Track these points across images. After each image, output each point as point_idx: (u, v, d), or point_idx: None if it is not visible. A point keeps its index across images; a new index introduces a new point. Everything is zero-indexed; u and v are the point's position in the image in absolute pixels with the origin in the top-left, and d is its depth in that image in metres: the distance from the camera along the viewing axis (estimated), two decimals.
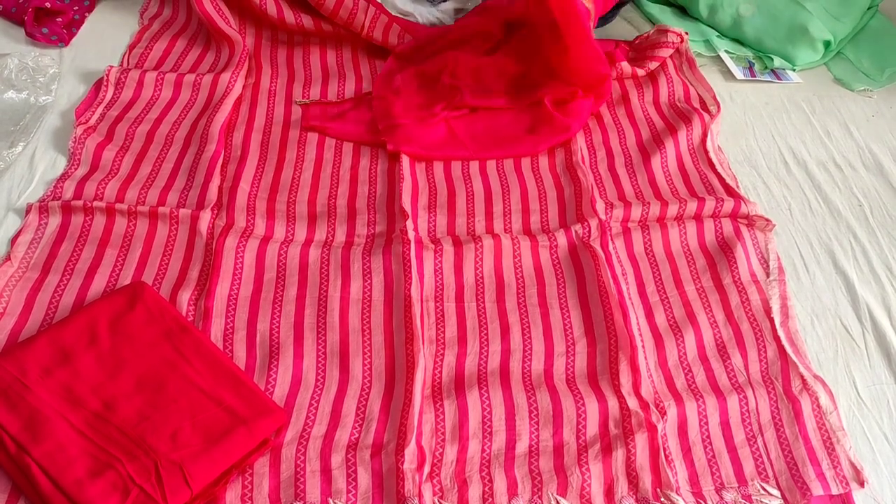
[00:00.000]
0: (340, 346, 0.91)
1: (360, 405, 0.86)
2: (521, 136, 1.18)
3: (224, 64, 1.29)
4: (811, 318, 0.99)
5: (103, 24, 1.39)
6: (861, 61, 1.43)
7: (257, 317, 0.93)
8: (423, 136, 1.17)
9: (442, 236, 1.04)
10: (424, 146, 1.16)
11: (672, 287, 1.00)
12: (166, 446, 0.77)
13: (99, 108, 1.18)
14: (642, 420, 0.85)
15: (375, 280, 0.97)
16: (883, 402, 0.91)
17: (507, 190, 1.12)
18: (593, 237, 1.03)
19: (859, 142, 1.27)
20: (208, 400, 0.81)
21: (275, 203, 1.08)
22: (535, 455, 0.83)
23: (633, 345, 0.91)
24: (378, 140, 1.17)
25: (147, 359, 0.84)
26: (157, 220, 1.02)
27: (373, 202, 1.08)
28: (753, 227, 1.08)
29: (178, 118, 1.19)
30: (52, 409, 0.78)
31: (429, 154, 1.15)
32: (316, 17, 1.34)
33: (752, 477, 0.83)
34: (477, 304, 0.97)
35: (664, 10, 1.51)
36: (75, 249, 0.98)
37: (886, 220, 1.14)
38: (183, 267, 0.98)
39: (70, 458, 0.75)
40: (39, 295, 0.93)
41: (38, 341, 0.84)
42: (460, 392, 0.88)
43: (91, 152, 1.10)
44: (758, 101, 1.34)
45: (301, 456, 0.81)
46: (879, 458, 0.85)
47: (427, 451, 0.82)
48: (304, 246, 1.01)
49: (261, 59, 1.33)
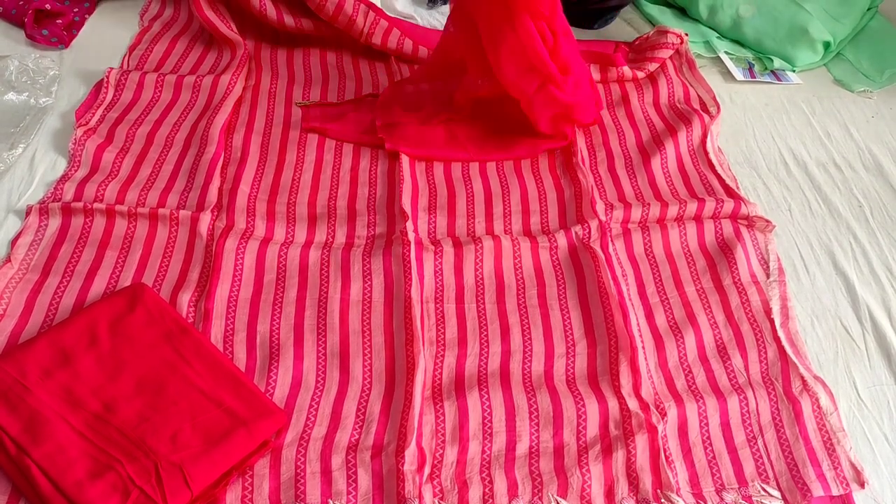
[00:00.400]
0: (340, 347, 0.91)
1: (360, 406, 0.86)
2: (520, 139, 1.18)
3: (224, 66, 1.29)
4: (811, 319, 0.99)
5: (103, 25, 1.39)
6: (861, 62, 1.44)
7: (257, 318, 0.93)
8: (422, 136, 1.17)
9: (442, 237, 1.04)
10: (423, 145, 1.15)
11: (672, 288, 1.00)
12: (166, 448, 0.77)
13: (99, 109, 1.18)
14: (642, 421, 0.85)
15: (375, 281, 0.97)
16: (883, 402, 0.90)
17: (507, 191, 1.12)
18: (593, 238, 1.03)
19: (859, 143, 1.27)
20: (208, 401, 0.81)
21: (275, 205, 1.08)
22: (536, 456, 0.83)
23: (633, 346, 0.91)
24: (377, 141, 1.17)
25: (147, 360, 0.84)
26: (158, 221, 1.02)
27: (373, 203, 1.08)
28: (753, 227, 1.08)
29: (179, 120, 1.19)
30: (53, 411, 0.78)
31: (427, 154, 1.15)
32: (316, 21, 1.34)
33: (752, 478, 0.83)
34: (477, 306, 0.97)
35: (664, 11, 1.51)
36: (75, 251, 0.98)
37: (886, 220, 1.14)
38: (183, 268, 0.98)
39: (70, 460, 0.75)
40: (39, 297, 0.92)
41: (39, 343, 0.84)
42: (460, 393, 0.88)
43: (91, 154, 1.10)
44: (758, 102, 1.34)
45: (301, 457, 0.81)
46: (880, 459, 0.85)
47: (427, 453, 0.82)
48: (304, 247, 1.01)
49: (261, 60, 1.33)
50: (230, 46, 1.31)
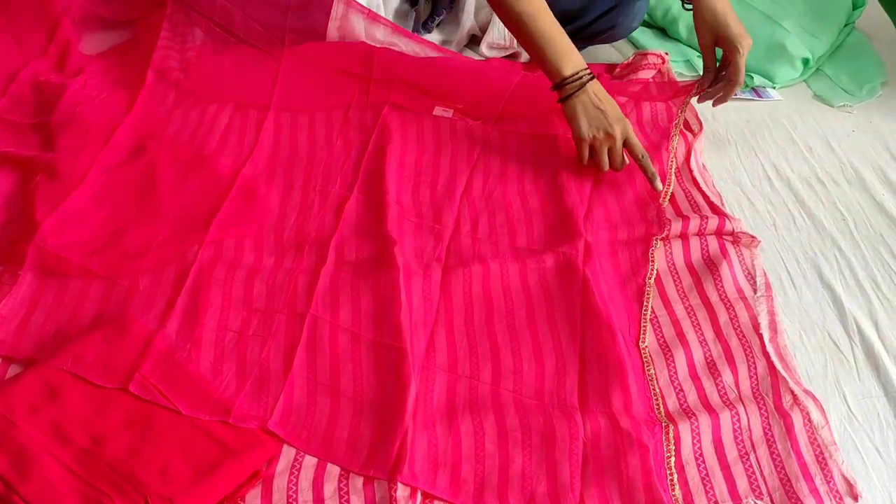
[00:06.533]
0: (330, 373, 0.91)
1: (351, 433, 0.86)
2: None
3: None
4: (799, 333, 0.99)
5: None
6: (840, 77, 1.46)
7: (247, 346, 0.93)
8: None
9: (429, 261, 1.04)
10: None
11: (661, 306, 1.01)
12: (156, 481, 0.76)
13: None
14: (634, 440, 0.85)
15: (364, 306, 0.97)
16: (873, 414, 0.91)
17: (492, 212, 1.12)
18: (580, 258, 1.04)
19: (841, 157, 1.29)
20: (198, 432, 0.81)
21: (263, 233, 1.08)
22: (529, 478, 0.83)
23: (622, 365, 0.91)
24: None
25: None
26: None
27: (361, 228, 1.09)
28: (739, 243, 1.08)
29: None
30: (40, 446, 0.77)
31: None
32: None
33: (745, 494, 0.82)
34: (467, 328, 0.97)
35: (644, 32, 1.53)
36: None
37: (871, 233, 1.15)
38: (171, 296, 0.97)
39: (59, 496, 0.74)
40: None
41: (25, 378, 0.83)
42: (452, 416, 0.87)
43: None
44: (739, 119, 1.35)
45: (293, 486, 0.80)
46: (872, 472, 0.85)
47: (420, 477, 0.82)
48: (292, 273, 1.01)
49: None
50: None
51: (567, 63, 1.12)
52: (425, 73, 1.30)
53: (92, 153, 1.11)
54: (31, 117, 1.18)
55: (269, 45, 1.34)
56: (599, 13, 1.37)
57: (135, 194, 1.09)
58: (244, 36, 1.35)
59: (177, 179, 1.10)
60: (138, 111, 1.21)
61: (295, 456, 0.83)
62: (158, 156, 1.13)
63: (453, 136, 1.25)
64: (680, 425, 0.87)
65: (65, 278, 0.98)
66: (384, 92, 1.29)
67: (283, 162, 1.18)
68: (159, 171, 1.11)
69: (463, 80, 1.30)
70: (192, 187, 1.10)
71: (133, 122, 1.19)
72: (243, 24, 1.35)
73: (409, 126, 1.25)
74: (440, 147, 1.23)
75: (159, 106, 1.25)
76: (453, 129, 1.26)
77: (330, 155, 1.20)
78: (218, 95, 1.28)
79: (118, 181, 1.10)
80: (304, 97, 1.28)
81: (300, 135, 1.23)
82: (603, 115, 1.12)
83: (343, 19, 1.32)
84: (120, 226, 1.04)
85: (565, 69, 1.12)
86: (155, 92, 1.26)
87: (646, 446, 0.84)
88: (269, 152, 1.20)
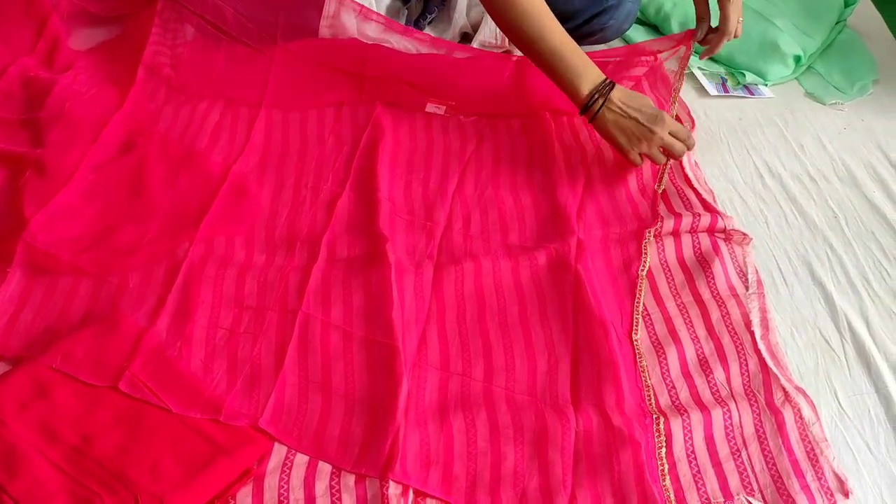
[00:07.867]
0: (322, 370, 0.91)
1: (342, 430, 0.85)
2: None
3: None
4: (791, 330, 1.00)
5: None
6: (831, 75, 1.46)
7: (238, 343, 0.92)
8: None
9: (421, 258, 1.04)
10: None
11: (653, 304, 1.01)
12: (146, 479, 0.76)
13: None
14: (626, 437, 0.85)
15: (356, 303, 0.97)
16: (864, 411, 0.91)
17: (484, 209, 1.12)
18: (572, 255, 1.04)
19: (832, 154, 1.29)
20: (188, 430, 0.80)
21: (254, 230, 1.07)
22: (521, 475, 0.83)
23: (615, 362, 0.91)
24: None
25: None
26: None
27: (353, 225, 1.08)
28: (731, 241, 1.08)
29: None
30: (29, 445, 0.77)
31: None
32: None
33: (737, 491, 0.83)
34: (459, 325, 0.97)
35: (637, 29, 1.53)
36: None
37: (861, 230, 1.15)
38: (161, 293, 0.97)
39: (48, 494, 0.74)
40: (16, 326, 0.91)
41: (14, 375, 0.83)
42: (444, 414, 0.87)
43: None
44: (731, 117, 1.35)
45: (284, 484, 0.80)
46: (862, 468, 0.85)
47: (411, 475, 0.81)
48: (283, 270, 1.01)
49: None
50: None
51: (584, 81, 1.10)
52: (417, 69, 1.30)
53: (81, 149, 1.10)
54: (20, 113, 1.17)
55: (261, 43, 1.33)
56: (591, 15, 1.37)
57: (125, 191, 1.08)
58: (235, 33, 1.34)
59: (167, 176, 1.10)
60: (128, 107, 1.20)
61: (286, 454, 0.83)
62: (149, 152, 1.12)
63: (445, 133, 1.24)
64: (672, 422, 0.87)
65: (54, 275, 0.97)
66: (376, 89, 1.28)
67: (275, 159, 1.18)
68: (149, 168, 1.10)
69: (455, 76, 1.30)
70: (183, 184, 1.09)
71: (123, 119, 1.18)
72: (235, 21, 1.35)
73: (402, 123, 1.25)
74: (432, 144, 1.22)
75: (150, 102, 1.24)
76: (445, 126, 1.26)
77: (322, 152, 1.19)
78: (209, 92, 1.27)
79: (108, 178, 1.09)
80: (295, 95, 1.28)
81: (292, 132, 1.23)
82: (637, 123, 1.10)
83: (335, 17, 1.31)
84: (110, 223, 1.04)
85: (583, 88, 1.10)
86: (145, 88, 1.25)
87: (638, 443, 0.84)
88: (260, 150, 1.19)
